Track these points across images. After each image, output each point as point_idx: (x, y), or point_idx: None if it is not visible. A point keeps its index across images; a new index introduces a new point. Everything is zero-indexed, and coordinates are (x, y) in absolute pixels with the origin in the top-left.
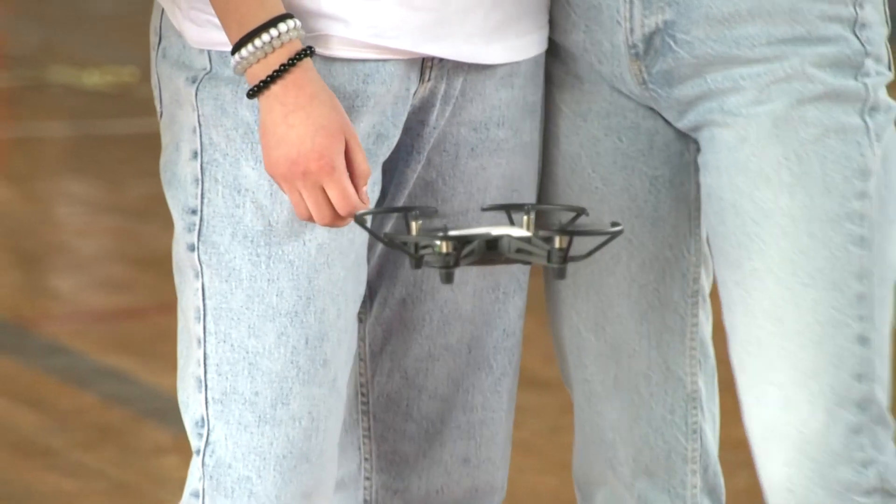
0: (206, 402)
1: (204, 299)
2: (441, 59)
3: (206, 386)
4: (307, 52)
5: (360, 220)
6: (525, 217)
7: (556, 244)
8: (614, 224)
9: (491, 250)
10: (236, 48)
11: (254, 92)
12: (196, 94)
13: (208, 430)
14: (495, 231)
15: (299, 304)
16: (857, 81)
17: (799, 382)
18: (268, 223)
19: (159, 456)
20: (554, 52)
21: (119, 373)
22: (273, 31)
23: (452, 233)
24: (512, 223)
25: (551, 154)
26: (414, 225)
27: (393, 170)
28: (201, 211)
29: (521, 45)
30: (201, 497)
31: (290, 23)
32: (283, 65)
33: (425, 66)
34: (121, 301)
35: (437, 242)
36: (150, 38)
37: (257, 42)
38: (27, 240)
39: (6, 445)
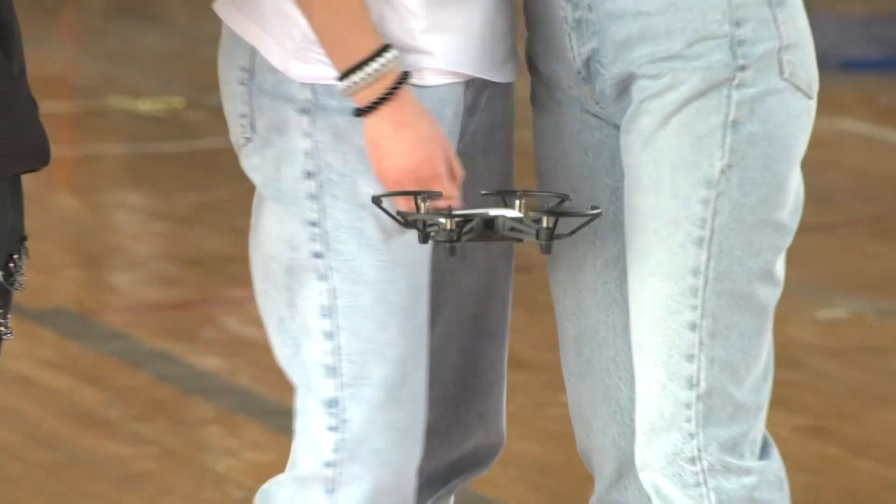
0: (341, 386)
1: (334, 299)
2: (475, 78)
3: (339, 373)
4: (406, 76)
5: (376, 201)
6: (518, 201)
7: (544, 224)
8: (594, 207)
9: (488, 228)
10: (346, 75)
11: (363, 112)
12: (310, 123)
13: (341, 409)
14: (492, 212)
15: (411, 300)
16: (722, 95)
17: (640, 358)
18: (385, 232)
19: (202, 426)
20: (539, 79)
21: (168, 355)
22: (381, 60)
23: (455, 212)
24: (506, 206)
25: (537, 167)
26: (423, 206)
27: None
28: (324, 223)
29: (514, 67)
30: (335, 466)
31: (393, 52)
32: (389, 89)
33: (468, 85)
34: (169, 294)
35: (442, 220)
36: (230, 75)
37: (367, 69)
38: (90, 243)
39: (72, 417)
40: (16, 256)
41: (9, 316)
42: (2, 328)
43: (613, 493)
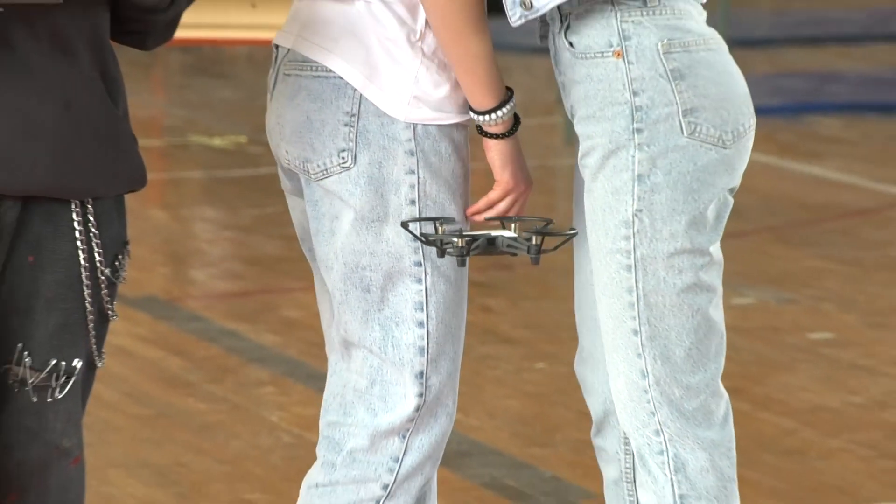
0: (427, 362)
1: (427, 296)
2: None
3: (427, 351)
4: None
5: (404, 225)
6: (513, 224)
7: (534, 241)
8: (571, 229)
9: (490, 245)
10: (489, 112)
11: (502, 136)
12: (415, 162)
13: (426, 379)
14: (494, 232)
15: (465, 295)
16: (628, 154)
17: (607, 353)
18: None
19: (260, 387)
20: None
21: (234, 332)
22: (512, 102)
23: (465, 233)
24: (504, 228)
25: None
26: (440, 228)
27: None
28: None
29: None
30: (415, 420)
31: (514, 99)
32: (516, 123)
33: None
34: (235, 286)
35: (455, 240)
36: (330, 118)
37: (505, 108)
38: (175, 246)
39: (160, 380)
40: (120, 257)
41: (114, 302)
42: (109, 311)
43: (598, 438)
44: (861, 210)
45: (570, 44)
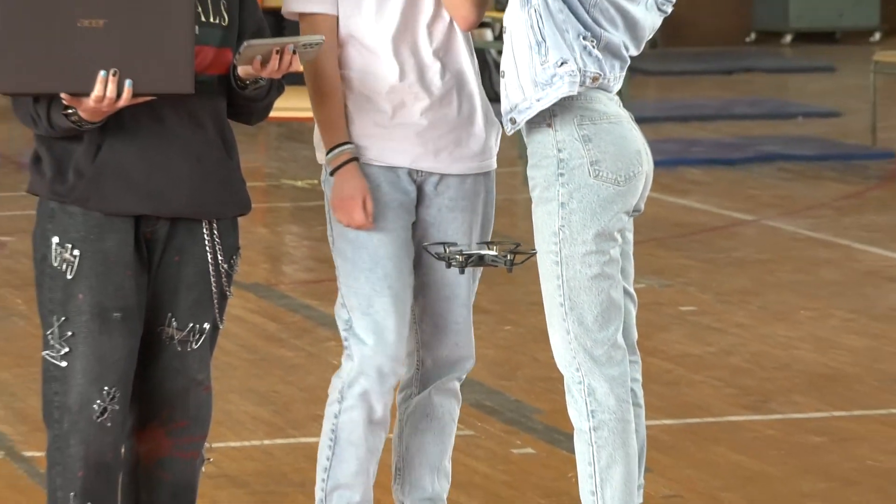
0: (342, 306)
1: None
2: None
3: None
4: (355, 158)
5: (425, 248)
6: (496, 246)
7: (508, 258)
8: (532, 250)
9: (480, 261)
10: (329, 152)
11: (334, 171)
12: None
13: (343, 318)
14: (483, 252)
15: (368, 251)
16: (556, 190)
17: (547, 320)
18: None
19: (326, 342)
20: None
21: (310, 307)
22: (345, 146)
23: (464, 251)
24: (489, 248)
25: None
26: (447, 249)
27: None
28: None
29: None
30: (346, 345)
31: (350, 145)
32: (346, 161)
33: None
34: (311, 276)
35: (458, 257)
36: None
37: (337, 150)
38: (272, 250)
39: (262, 337)
40: (234, 257)
41: (231, 286)
42: (227, 292)
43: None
44: (714, 227)
45: (511, 122)
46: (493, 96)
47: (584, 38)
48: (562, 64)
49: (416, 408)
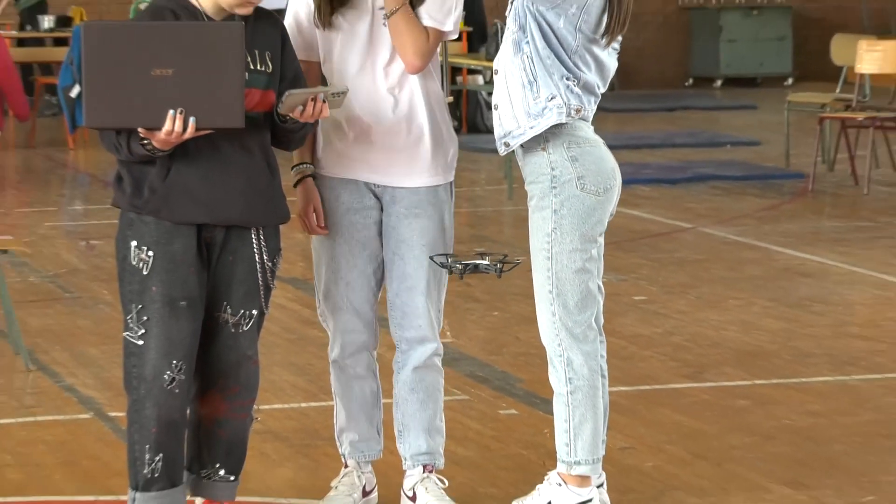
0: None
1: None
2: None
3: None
4: (310, 175)
5: (431, 258)
6: (487, 257)
7: (498, 266)
8: (518, 260)
9: (476, 269)
10: (292, 169)
11: (295, 186)
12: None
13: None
14: (477, 261)
15: (338, 249)
16: (550, 200)
17: (537, 305)
18: None
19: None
20: None
21: None
22: (301, 165)
23: (462, 262)
24: (482, 258)
25: None
26: (449, 259)
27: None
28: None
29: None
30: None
31: (306, 165)
32: (301, 178)
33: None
34: None
35: (458, 265)
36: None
37: (294, 169)
38: (307, 252)
39: (299, 321)
40: (277, 257)
41: (274, 280)
42: (271, 285)
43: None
44: (659, 233)
45: (522, 146)
46: (485, 129)
47: (567, 79)
48: (551, 98)
49: (405, 383)
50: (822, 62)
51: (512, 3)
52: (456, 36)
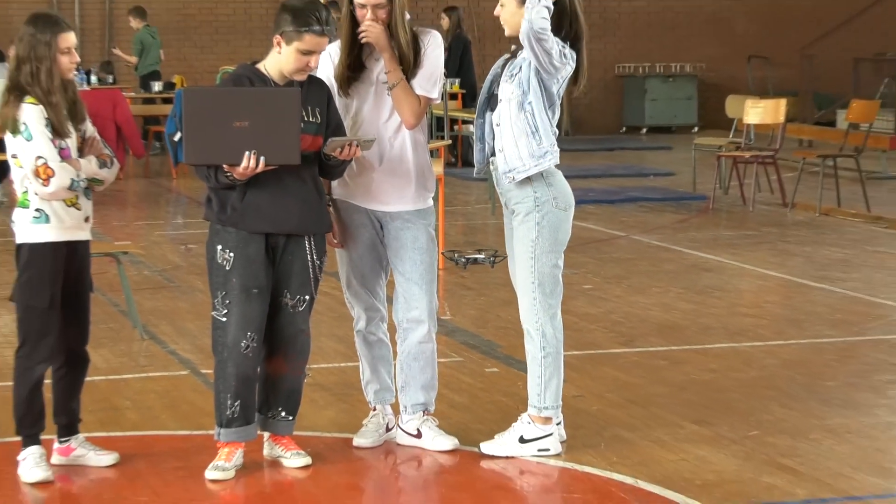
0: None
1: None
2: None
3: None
4: (331, 202)
5: (442, 254)
6: (484, 252)
7: (491, 260)
8: (502, 255)
9: (475, 261)
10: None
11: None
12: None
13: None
14: (476, 256)
15: (356, 252)
16: (534, 215)
17: (520, 293)
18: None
19: None
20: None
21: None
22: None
23: (466, 256)
24: (479, 254)
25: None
26: (454, 254)
27: None
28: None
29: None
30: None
31: (327, 196)
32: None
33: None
34: None
35: (462, 259)
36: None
37: None
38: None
39: (338, 302)
40: (323, 257)
41: (322, 272)
42: (319, 277)
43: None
44: (601, 239)
45: (511, 178)
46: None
47: (553, 133)
48: (552, 145)
49: (408, 353)
50: (719, 115)
51: (514, 74)
52: (439, 100)
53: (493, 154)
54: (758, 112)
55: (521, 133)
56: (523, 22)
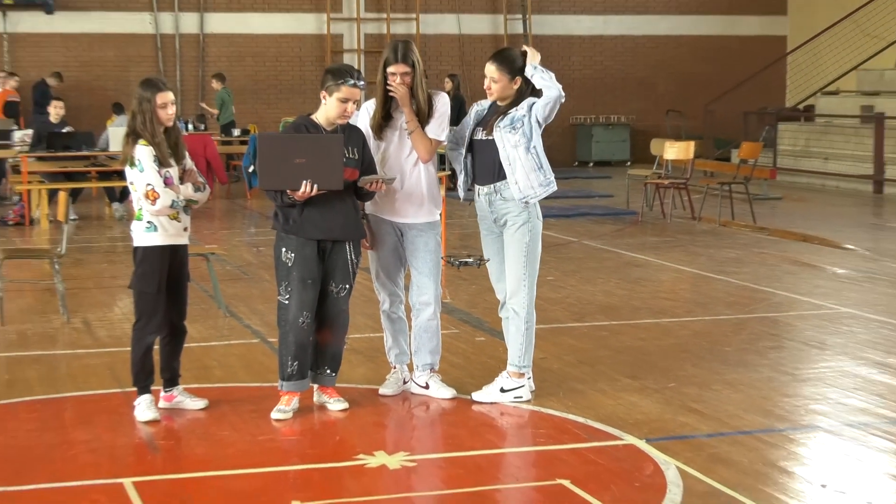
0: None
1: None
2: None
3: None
4: (366, 215)
5: (443, 258)
6: (473, 257)
7: (480, 263)
8: (489, 259)
9: (467, 263)
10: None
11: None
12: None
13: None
14: (467, 259)
15: (385, 253)
16: (527, 224)
17: (510, 279)
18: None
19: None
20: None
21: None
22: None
23: (459, 259)
24: (469, 257)
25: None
26: (454, 259)
27: None
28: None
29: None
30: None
31: (362, 212)
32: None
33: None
34: None
35: (456, 261)
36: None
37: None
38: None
39: (369, 288)
40: (359, 256)
41: (357, 267)
42: (356, 271)
43: (504, 310)
44: (559, 244)
45: (506, 197)
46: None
47: (548, 167)
48: (551, 175)
49: (420, 328)
50: (645, 153)
51: (517, 128)
52: (445, 142)
53: (474, 182)
54: (674, 151)
55: (530, 169)
56: (554, 90)
